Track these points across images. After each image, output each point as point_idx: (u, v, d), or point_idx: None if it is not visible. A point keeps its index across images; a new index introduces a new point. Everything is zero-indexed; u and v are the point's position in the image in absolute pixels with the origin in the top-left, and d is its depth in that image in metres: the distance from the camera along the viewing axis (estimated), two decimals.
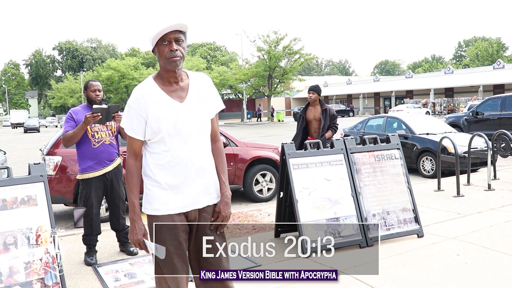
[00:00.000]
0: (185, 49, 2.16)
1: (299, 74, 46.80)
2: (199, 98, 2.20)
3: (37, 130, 44.31)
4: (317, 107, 6.30)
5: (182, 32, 2.14)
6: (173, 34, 2.10)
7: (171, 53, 2.09)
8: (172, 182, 2.15)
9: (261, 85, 42.57)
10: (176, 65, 2.11)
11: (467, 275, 3.60)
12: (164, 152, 2.15)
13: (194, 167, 2.16)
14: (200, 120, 2.18)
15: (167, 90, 2.16)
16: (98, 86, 4.34)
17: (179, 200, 2.15)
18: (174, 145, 2.13)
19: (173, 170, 2.14)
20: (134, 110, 2.14)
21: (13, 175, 3.35)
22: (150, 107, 2.12)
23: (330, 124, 6.23)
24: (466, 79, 40.62)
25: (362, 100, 50.15)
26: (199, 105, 2.19)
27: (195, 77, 2.25)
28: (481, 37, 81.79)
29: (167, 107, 2.13)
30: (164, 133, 2.12)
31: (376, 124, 11.36)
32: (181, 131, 2.13)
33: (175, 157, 2.14)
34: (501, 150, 7.73)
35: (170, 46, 2.09)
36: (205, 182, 2.20)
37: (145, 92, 2.15)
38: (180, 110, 2.14)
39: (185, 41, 2.15)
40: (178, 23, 2.09)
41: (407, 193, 4.74)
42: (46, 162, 5.95)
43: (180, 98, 2.16)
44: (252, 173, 7.25)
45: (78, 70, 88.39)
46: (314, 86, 6.47)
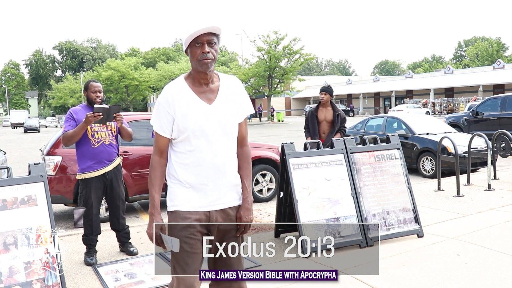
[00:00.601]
0: (218, 52, 2.18)
1: (299, 74, 46.81)
2: (228, 101, 2.21)
3: (37, 130, 44.31)
4: (329, 109, 6.16)
5: (215, 34, 2.15)
6: (206, 37, 2.12)
7: (203, 55, 2.11)
8: (193, 181, 2.17)
9: (261, 85, 42.59)
10: (207, 67, 2.13)
11: (467, 275, 3.60)
12: (188, 152, 2.18)
13: (216, 168, 2.17)
14: (226, 123, 2.19)
15: (196, 91, 2.18)
16: (98, 87, 4.34)
17: (199, 199, 2.17)
18: (199, 146, 2.16)
19: (196, 170, 2.17)
20: (163, 108, 2.18)
21: (13, 175, 3.35)
22: (179, 105, 2.16)
23: (339, 127, 6.13)
24: (466, 79, 40.61)
25: (362, 100, 50.14)
26: (227, 108, 2.20)
27: (226, 80, 2.26)
28: (481, 37, 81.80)
29: (195, 107, 2.15)
30: (189, 132, 2.14)
31: (376, 124, 11.36)
32: (207, 132, 2.15)
33: (199, 158, 2.16)
34: (501, 150, 7.73)
35: (203, 48, 2.11)
36: (227, 184, 2.21)
37: (175, 91, 2.18)
38: (207, 111, 2.16)
39: (217, 44, 2.18)
40: (212, 26, 2.10)
41: (407, 193, 4.74)
42: (46, 162, 5.94)
43: (209, 99, 2.18)
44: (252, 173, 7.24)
45: (78, 70, 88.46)
46: (326, 86, 6.28)
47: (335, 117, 6.08)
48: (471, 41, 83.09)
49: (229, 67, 49.27)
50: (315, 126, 6.15)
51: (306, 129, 6.30)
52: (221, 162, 2.19)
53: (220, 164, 2.18)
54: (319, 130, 6.15)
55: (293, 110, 60.02)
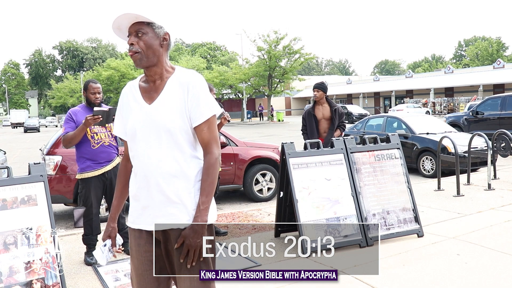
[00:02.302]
0: (150, 41, 1.89)
1: (299, 73, 46.78)
2: (172, 101, 1.88)
3: (37, 130, 44.30)
4: (325, 106, 5.98)
5: (144, 23, 1.88)
6: (132, 27, 1.89)
7: (129, 48, 1.89)
8: (134, 192, 1.95)
9: (261, 85, 42.60)
10: (136, 62, 1.89)
11: (467, 275, 3.60)
12: (132, 157, 1.96)
13: (156, 178, 1.86)
14: (167, 126, 1.86)
15: (143, 89, 1.97)
16: (98, 89, 4.34)
17: (139, 214, 1.93)
18: (137, 151, 1.90)
19: (136, 179, 1.93)
20: (118, 108, 2.06)
21: (13, 175, 3.35)
22: (125, 105, 2.00)
23: (338, 123, 5.99)
24: (466, 79, 40.61)
25: (362, 99, 50.13)
26: (168, 109, 1.87)
27: (179, 76, 1.92)
28: (481, 36, 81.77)
29: (135, 107, 1.93)
30: (129, 135, 1.94)
31: (376, 123, 11.36)
32: (143, 136, 1.88)
33: (136, 165, 1.92)
34: (501, 150, 7.73)
35: (129, 40, 1.89)
36: (169, 198, 1.86)
37: (127, 89, 2.03)
38: (144, 112, 1.90)
39: (148, 34, 1.88)
40: (129, 13, 1.86)
41: (407, 193, 4.74)
42: (46, 162, 5.95)
43: (150, 99, 1.92)
44: (252, 173, 7.25)
45: (78, 69, 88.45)
46: (319, 83, 6.08)
47: (332, 113, 5.94)
48: (471, 40, 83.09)
49: (229, 66, 49.27)
50: (313, 125, 5.95)
51: (303, 130, 6.06)
52: (162, 171, 1.85)
53: (160, 173, 1.85)
54: (319, 129, 5.97)
55: (293, 110, 60.02)
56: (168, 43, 1.96)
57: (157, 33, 1.91)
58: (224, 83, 44.60)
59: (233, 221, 5.59)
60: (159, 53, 1.91)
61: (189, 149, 1.90)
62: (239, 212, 6.16)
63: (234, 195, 8.03)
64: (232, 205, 7.27)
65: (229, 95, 50.77)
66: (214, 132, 1.91)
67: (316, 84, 6.10)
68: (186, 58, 56.10)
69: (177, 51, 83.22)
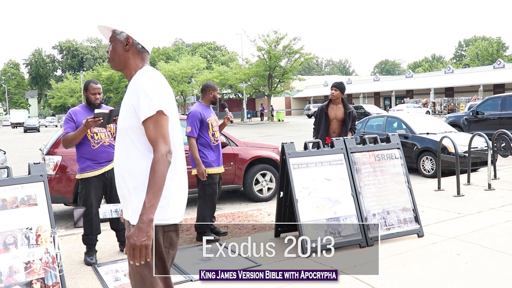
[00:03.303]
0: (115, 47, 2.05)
1: (299, 73, 46.80)
2: (125, 101, 2.04)
3: (37, 129, 44.29)
4: (340, 106, 5.83)
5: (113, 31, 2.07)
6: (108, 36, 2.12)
7: None
8: None
9: (261, 85, 42.61)
10: (110, 67, 2.09)
11: (467, 275, 3.60)
12: None
13: (116, 175, 2.07)
14: (120, 125, 2.03)
15: None
16: (98, 89, 4.33)
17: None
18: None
19: None
20: None
21: (13, 175, 3.35)
22: None
23: (350, 126, 5.87)
24: (466, 79, 40.62)
25: (362, 99, 50.14)
26: (123, 109, 2.04)
27: (134, 77, 2.04)
28: (481, 36, 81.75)
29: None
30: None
31: (376, 123, 11.35)
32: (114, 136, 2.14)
33: None
34: (501, 150, 7.73)
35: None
36: (122, 194, 2.05)
37: None
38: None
39: (115, 40, 2.05)
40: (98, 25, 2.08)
41: (407, 193, 4.74)
42: (46, 161, 5.94)
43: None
44: (252, 173, 7.25)
45: (78, 69, 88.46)
46: (338, 82, 5.93)
47: (346, 115, 5.79)
48: (471, 40, 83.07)
49: (229, 66, 49.27)
50: (322, 123, 5.81)
51: (314, 127, 5.98)
52: (116, 169, 2.06)
53: (116, 171, 2.07)
54: (329, 129, 5.84)
55: (293, 110, 60.05)
56: (135, 46, 2.05)
57: (118, 39, 2.04)
58: (224, 83, 44.61)
59: (233, 221, 5.59)
60: (125, 57, 2.05)
61: (142, 147, 1.96)
62: (239, 212, 6.15)
63: (234, 195, 8.03)
64: (232, 205, 7.27)
65: (229, 95, 50.79)
66: (160, 129, 1.92)
67: (335, 83, 5.98)
68: (186, 58, 56.07)
69: (177, 51, 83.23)
